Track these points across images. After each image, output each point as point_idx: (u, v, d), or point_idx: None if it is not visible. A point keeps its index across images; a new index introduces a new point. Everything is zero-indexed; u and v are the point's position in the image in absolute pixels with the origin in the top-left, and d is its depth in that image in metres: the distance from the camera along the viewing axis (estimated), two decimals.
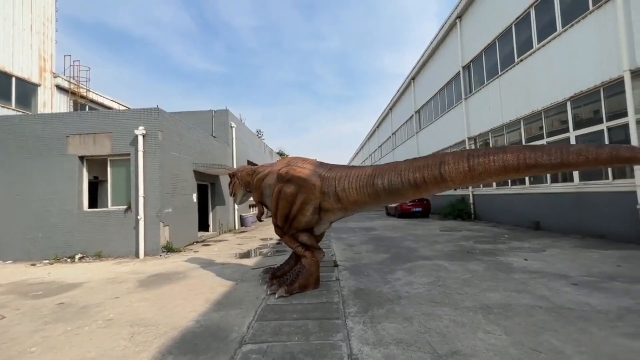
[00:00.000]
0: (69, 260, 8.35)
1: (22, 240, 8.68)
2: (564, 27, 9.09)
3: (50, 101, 15.15)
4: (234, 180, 6.30)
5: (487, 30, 12.99)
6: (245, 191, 6.27)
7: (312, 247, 4.76)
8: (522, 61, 10.99)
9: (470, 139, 14.76)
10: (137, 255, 8.51)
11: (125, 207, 8.81)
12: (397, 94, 27.46)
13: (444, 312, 3.72)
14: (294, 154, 66.63)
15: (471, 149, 3.29)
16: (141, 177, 8.63)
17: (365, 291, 4.68)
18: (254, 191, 5.97)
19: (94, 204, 10.20)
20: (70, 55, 19.86)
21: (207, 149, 12.55)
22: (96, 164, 9.69)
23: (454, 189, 3.42)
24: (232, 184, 6.37)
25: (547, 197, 9.88)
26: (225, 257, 8.04)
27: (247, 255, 8.27)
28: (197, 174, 11.52)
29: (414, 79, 22.94)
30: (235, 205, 15.22)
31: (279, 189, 4.75)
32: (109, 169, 9.18)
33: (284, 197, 4.63)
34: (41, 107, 14.58)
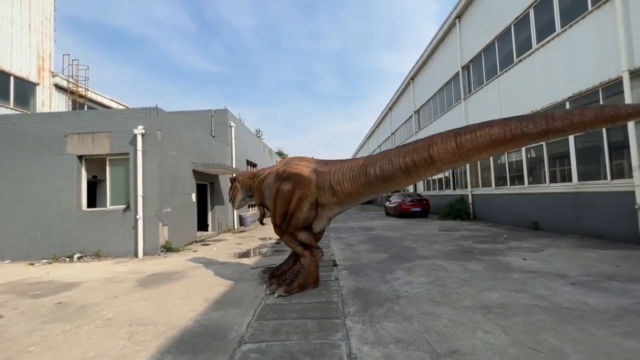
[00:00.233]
0: (67, 259, 8.34)
1: (20, 239, 8.66)
2: (563, 27, 9.11)
3: (48, 100, 15.11)
4: (235, 184, 6.32)
5: (487, 30, 13.01)
6: (245, 195, 6.33)
7: (311, 247, 4.77)
8: (521, 61, 11.01)
9: None
10: (136, 254, 8.49)
11: (124, 206, 8.79)
12: (396, 94, 27.49)
13: (443, 312, 3.73)
14: (293, 153, 66.64)
15: (458, 128, 3.24)
16: (140, 176, 8.61)
17: (364, 291, 4.68)
18: (255, 194, 6.01)
19: (92, 203, 10.18)
20: (68, 54, 19.89)
21: (206, 148, 12.54)
22: (95, 164, 9.67)
23: (445, 172, 3.43)
24: (232, 188, 6.39)
25: (546, 197, 9.91)
26: (224, 256, 8.03)
27: (246, 254, 8.27)
28: (196, 173, 11.51)
29: (413, 79, 22.97)
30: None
31: (276, 187, 4.79)
32: (107, 168, 9.16)
33: (281, 195, 4.66)
34: (40, 106, 14.54)
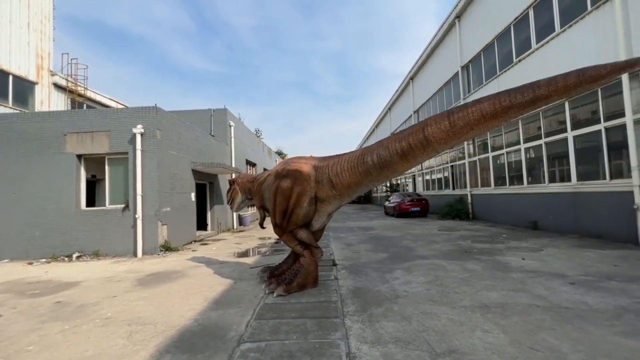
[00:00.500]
0: (66, 259, 8.32)
1: (19, 238, 8.64)
2: (562, 27, 9.12)
3: (47, 99, 15.08)
4: (234, 187, 6.32)
5: (486, 30, 13.01)
6: (244, 198, 6.32)
7: (310, 246, 4.77)
8: (520, 61, 11.01)
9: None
10: (135, 254, 8.48)
11: (123, 205, 8.78)
12: (395, 94, 27.49)
13: (442, 311, 3.73)
14: (292, 153, 66.73)
15: (450, 108, 3.32)
16: (139, 175, 8.60)
17: (363, 290, 4.68)
18: (255, 197, 6.02)
19: (91, 202, 10.16)
20: (67, 53, 19.80)
21: (205, 148, 12.52)
22: (94, 163, 9.65)
23: (440, 153, 3.50)
24: (231, 190, 6.38)
25: (545, 197, 9.92)
26: (223, 256, 8.03)
27: (245, 254, 8.26)
28: (196, 173, 11.50)
29: (412, 79, 22.97)
30: None
31: (276, 185, 4.83)
32: (106, 167, 9.15)
33: (281, 193, 4.69)
34: (38, 105, 14.51)
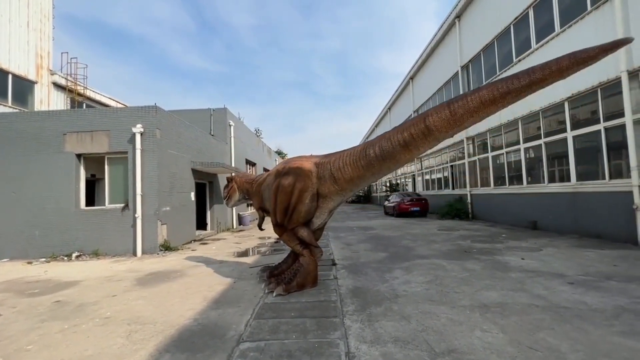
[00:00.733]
0: (65, 258, 8.32)
1: (18, 238, 8.63)
2: (562, 27, 9.12)
3: (47, 98, 15.06)
4: (231, 184, 6.39)
5: (486, 30, 13.01)
6: (240, 197, 6.43)
7: (310, 245, 4.77)
8: (520, 61, 11.02)
9: (468, 138, 14.79)
10: (134, 253, 8.48)
11: (122, 205, 8.77)
12: (395, 94, 27.49)
13: (441, 311, 3.74)
14: (292, 152, 66.70)
15: (450, 99, 3.42)
16: (139, 175, 8.59)
17: (363, 290, 4.69)
18: (254, 198, 6.07)
19: (91, 202, 10.17)
20: (67, 52, 19.72)
21: (205, 147, 12.52)
22: (94, 162, 9.65)
23: (441, 141, 3.61)
24: (228, 187, 6.43)
25: (544, 197, 9.93)
26: (223, 255, 8.03)
27: (245, 253, 8.26)
28: (195, 172, 11.49)
29: (412, 79, 22.97)
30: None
31: (277, 183, 4.81)
32: (106, 167, 9.14)
33: (282, 190, 4.68)
34: (38, 105, 14.50)
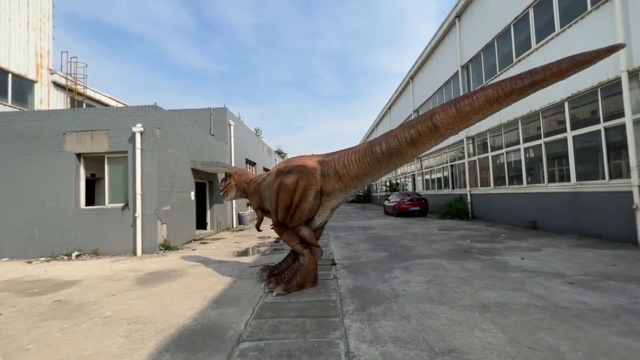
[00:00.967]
0: (65, 257, 8.32)
1: (18, 237, 8.63)
2: (562, 27, 9.12)
3: (47, 98, 15.05)
4: (229, 180, 6.39)
5: (486, 30, 13.00)
6: (237, 195, 6.46)
7: (311, 245, 4.76)
8: (520, 61, 11.02)
9: (468, 138, 14.79)
10: (134, 253, 8.48)
11: (122, 204, 8.77)
12: (395, 93, 27.47)
13: (441, 311, 3.74)
14: (292, 152, 66.76)
15: (455, 98, 3.56)
16: (139, 174, 8.59)
17: (362, 289, 4.69)
18: (252, 197, 6.05)
19: (91, 201, 10.16)
20: (67, 51, 19.72)
21: (205, 147, 12.51)
22: (93, 162, 9.64)
23: (446, 138, 3.78)
24: (226, 183, 6.44)
25: (544, 196, 9.93)
26: (223, 255, 8.03)
27: (244, 253, 8.27)
28: (195, 172, 11.49)
29: (412, 78, 22.96)
30: (233, 203, 15.22)
31: (279, 182, 4.77)
32: (106, 166, 9.14)
33: (284, 189, 4.63)
34: (38, 104, 14.48)
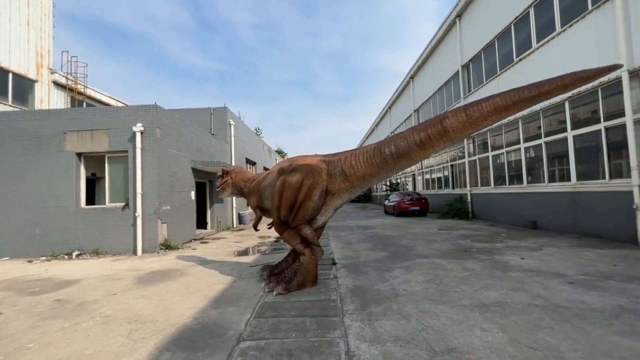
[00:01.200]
0: (66, 257, 8.33)
1: (19, 237, 8.64)
2: (563, 27, 9.11)
3: (47, 97, 15.06)
4: (227, 178, 6.36)
5: (487, 29, 12.99)
6: (234, 193, 6.43)
7: (312, 244, 4.75)
8: (520, 61, 11.01)
9: (468, 138, 14.78)
10: (134, 252, 8.49)
11: (123, 204, 8.78)
12: (396, 93, 27.45)
13: (441, 310, 3.74)
14: (292, 152, 66.75)
15: (465, 104, 3.68)
16: (139, 174, 8.60)
17: (363, 289, 4.69)
18: (250, 197, 6.00)
19: (91, 201, 10.17)
20: (67, 51, 19.75)
21: (205, 146, 12.52)
22: (94, 161, 9.65)
23: (455, 142, 3.95)
24: (223, 180, 6.43)
25: (545, 196, 9.93)
26: (223, 254, 8.04)
27: (245, 252, 8.27)
28: (196, 171, 11.49)
29: (413, 78, 22.94)
30: (233, 203, 15.23)
31: (282, 180, 4.72)
32: (106, 165, 9.14)
33: (288, 187, 4.59)
34: (38, 103, 14.49)
